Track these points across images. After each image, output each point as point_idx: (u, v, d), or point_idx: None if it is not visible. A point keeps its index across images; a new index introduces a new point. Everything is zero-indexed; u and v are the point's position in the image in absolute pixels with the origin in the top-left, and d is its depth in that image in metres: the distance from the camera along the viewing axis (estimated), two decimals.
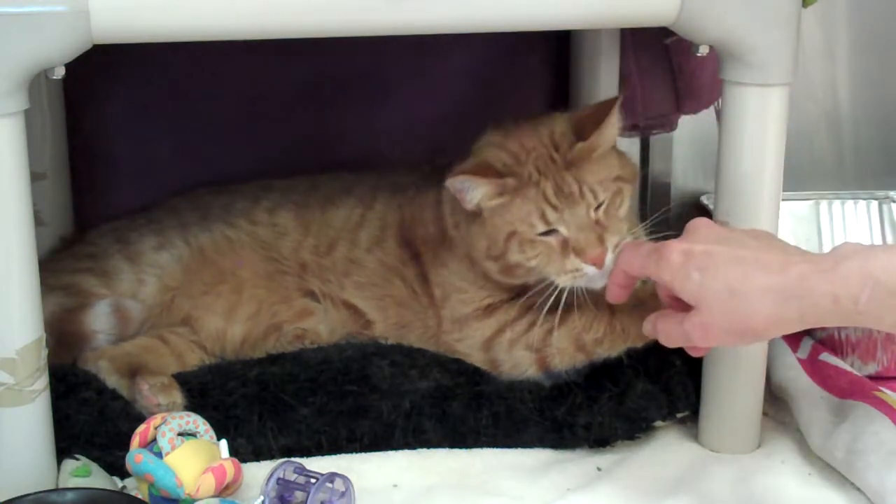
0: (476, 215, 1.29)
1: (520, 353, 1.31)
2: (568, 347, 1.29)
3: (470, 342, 1.34)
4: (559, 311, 1.26)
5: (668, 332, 1.11)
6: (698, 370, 1.31)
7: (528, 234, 1.25)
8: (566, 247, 1.24)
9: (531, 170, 1.25)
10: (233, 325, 1.42)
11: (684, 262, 1.07)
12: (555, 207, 1.24)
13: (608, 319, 1.27)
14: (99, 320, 1.37)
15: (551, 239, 1.25)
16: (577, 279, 1.24)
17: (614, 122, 1.27)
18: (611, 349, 1.29)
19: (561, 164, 1.25)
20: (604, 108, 1.26)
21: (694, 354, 1.16)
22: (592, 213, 1.24)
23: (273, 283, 1.43)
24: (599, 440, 1.29)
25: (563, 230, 1.24)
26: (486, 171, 1.26)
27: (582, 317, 1.27)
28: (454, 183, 1.26)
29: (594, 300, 1.27)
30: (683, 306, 1.09)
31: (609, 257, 1.23)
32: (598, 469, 1.27)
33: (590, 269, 1.23)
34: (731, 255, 1.05)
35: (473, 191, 1.26)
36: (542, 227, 1.24)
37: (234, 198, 1.48)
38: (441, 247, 1.38)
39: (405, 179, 1.47)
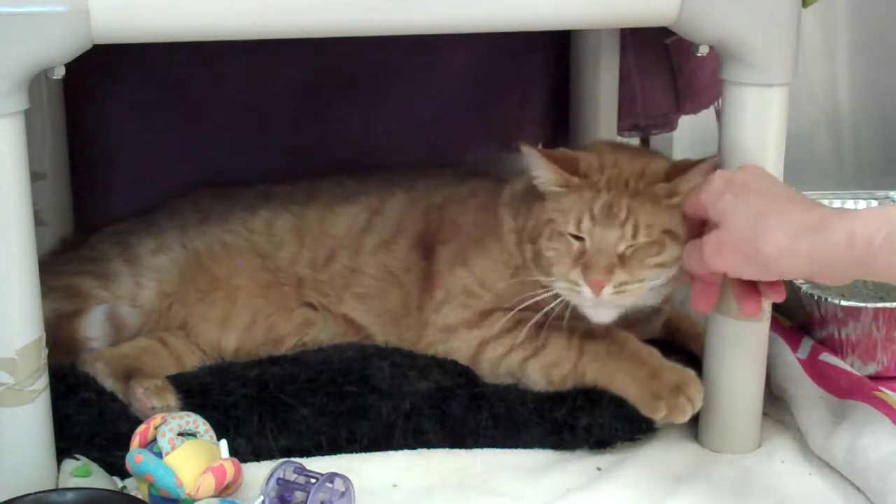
0: (540, 198, 1.30)
1: (503, 377, 1.33)
2: (540, 380, 1.30)
3: (458, 356, 1.35)
4: (537, 341, 1.29)
5: (688, 249, 1.19)
6: (699, 372, 1.31)
7: (560, 227, 1.26)
8: (580, 258, 1.24)
9: (602, 180, 1.26)
10: (226, 334, 1.41)
11: (723, 187, 1.14)
12: (593, 219, 1.24)
13: (574, 361, 1.28)
14: (93, 327, 1.37)
15: (575, 244, 1.25)
16: (572, 294, 1.25)
17: (696, 178, 1.23)
18: (574, 385, 1.29)
19: (631, 190, 1.26)
20: (696, 162, 1.25)
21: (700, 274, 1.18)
22: (621, 245, 1.24)
23: (270, 292, 1.43)
24: (600, 442, 1.29)
25: (587, 242, 1.24)
26: (563, 162, 1.27)
27: (552, 353, 1.29)
28: (528, 151, 1.28)
29: (569, 333, 1.29)
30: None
31: (608, 290, 1.22)
32: (598, 469, 1.27)
33: (585, 291, 1.23)
34: (767, 188, 1.13)
35: (540, 171, 1.28)
36: (573, 229, 1.25)
37: (234, 204, 1.47)
38: (472, 247, 1.37)
39: (425, 183, 1.48)
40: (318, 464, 1.23)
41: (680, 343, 1.41)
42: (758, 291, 1.17)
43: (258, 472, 1.20)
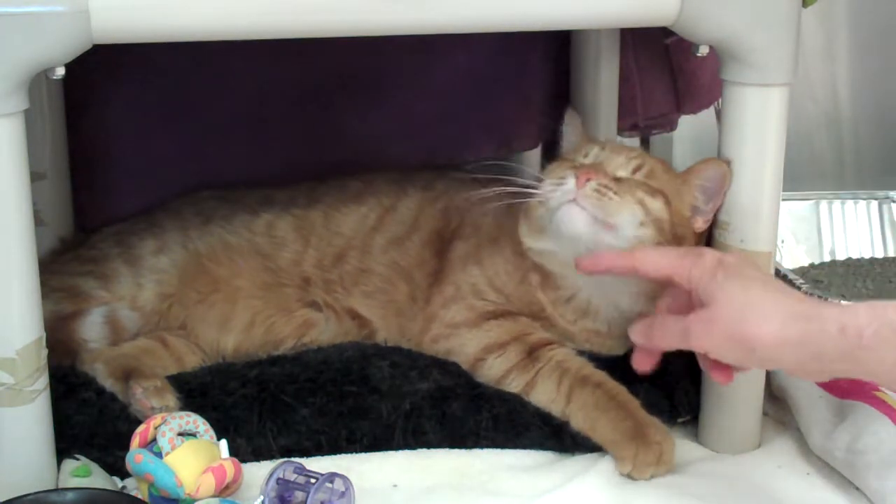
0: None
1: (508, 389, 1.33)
2: (541, 404, 1.31)
3: (459, 358, 1.35)
4: (528, 374, 1.30)
5: (666, 327, 1.12)
6: (699, 373, 1.31)
7: (568, 157, 1.33)
8: (573, 170, 1.26)
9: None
10: (225, 335, 1.41)
11: (715, 266, 1.10)
12: (603, 149, 1.31)
13: (562, 408, 1.28)
14: (91, 329, 1.37)
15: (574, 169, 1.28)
16: (552, 192, 1.24)
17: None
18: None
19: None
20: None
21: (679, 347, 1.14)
22: (620, 171, 1.27)
23: (270, 293, 1.43)
24: (601, 446, 1.28)
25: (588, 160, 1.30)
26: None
27: (542, 394, 1.30)
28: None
29: (560, 375, 1.29)
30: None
31: (591, 185, 1.22)
32: (598, 469, 1.26)
33: (569, 183, 1.23)
34: (759, 276, 1.10)
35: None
36: (581, 158, 1.31)
37: (236, 206, 1.48)
38: (488, 246, 1.38)
39: (444, 184, 1.49)
40: (318, 464, 1.23)
41: None
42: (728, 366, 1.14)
43: (258, 472, 1.20)
